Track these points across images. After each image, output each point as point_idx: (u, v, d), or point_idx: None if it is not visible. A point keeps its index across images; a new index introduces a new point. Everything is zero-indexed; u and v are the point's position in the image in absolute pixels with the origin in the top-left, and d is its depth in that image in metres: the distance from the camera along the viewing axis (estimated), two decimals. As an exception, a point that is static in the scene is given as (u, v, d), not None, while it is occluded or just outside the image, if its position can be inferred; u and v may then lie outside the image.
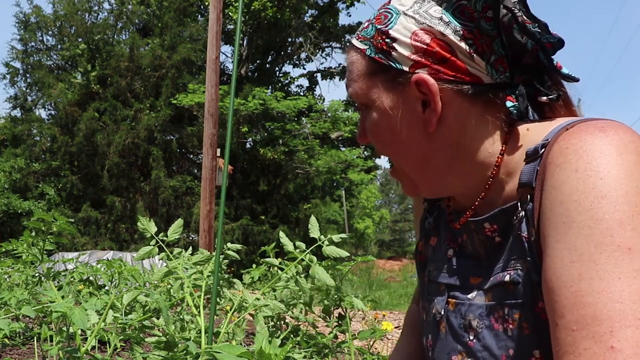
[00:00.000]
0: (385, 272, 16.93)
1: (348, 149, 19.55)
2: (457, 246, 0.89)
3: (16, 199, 17.45)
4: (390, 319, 5.64)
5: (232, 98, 1.29)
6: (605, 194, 0.63)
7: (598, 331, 0.59)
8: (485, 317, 0.78)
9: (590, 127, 0.69)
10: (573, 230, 0.64)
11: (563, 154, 0.68)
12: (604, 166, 0.64)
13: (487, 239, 0.81)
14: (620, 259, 0.60)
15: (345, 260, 2.02)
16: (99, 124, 18.38)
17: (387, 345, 3.88)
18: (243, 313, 1.61)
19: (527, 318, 0.72)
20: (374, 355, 2.02)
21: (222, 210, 1.29)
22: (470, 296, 0.81)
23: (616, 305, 0.58)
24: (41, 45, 20.41)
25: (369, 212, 40.22)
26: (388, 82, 0.80)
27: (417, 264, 1.02)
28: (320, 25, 19.94)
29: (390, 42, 0.79)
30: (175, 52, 18.50)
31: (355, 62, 0.83)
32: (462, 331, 0.81)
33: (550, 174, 0.69)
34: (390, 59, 0.79)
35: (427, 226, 0.98)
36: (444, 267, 0.89)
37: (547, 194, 0.69)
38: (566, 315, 0.62)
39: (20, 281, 3.27)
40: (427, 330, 0.91)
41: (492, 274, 0.79)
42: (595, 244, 0.62)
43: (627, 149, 0.65)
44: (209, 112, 9.10)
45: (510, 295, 0.75)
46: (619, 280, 0.59)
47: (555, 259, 0.65)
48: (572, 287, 0.62)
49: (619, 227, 0.61)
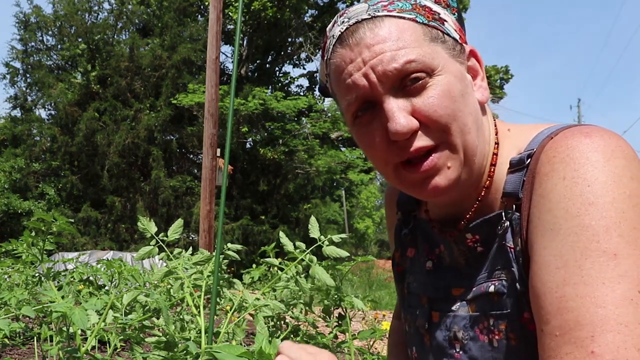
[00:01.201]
0: (385, 272, 16.92)
1: (348, 149, 19.55)
2: (435, 258, 0.88)
3: (16, 199, 17.45)
4: (390, 319, 5.63)
5: (232, 98, 1.29)
6: (592, 201, 0.63)
7: (579, 336, 0.58)
8: (470, 328, 0.77)
9: (575, 133, 0.68)
10: (560, 237, 0.64)
11: (550, 163, 0.68)
12: (591, 173, 0.64)
13: (469, 250, 0.81)
14: (605, 264, 0.60)
15: (345, 260, 2.02)
16: (99, 124, 18.38)
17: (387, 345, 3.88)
18: (243, 313, 1.61)
19: (513, 329, 0.72)
20: (374, 355, 2.02)
21: (222, 210, 1.29)
22: (454, 308, 0.81)
23: (599, 310, 0.58)
24: (41, 45, 20.41)
25: (369, 212, 40.20)
26: (449, 50, 0.76)
27: (395, 276, 1.00)
28: (320, 25, 19.93)
29: (437, 15, 0.78)
30: (175, 52, 18.51)
31: (405, 28, 0.74)
32: (447, 344, 0.80)
33: (539, 183, 0.69)
34: (444, 28, 0.77)
35: (403, 237, 0.97)
36: (425, 280, 0.88)
37: (535, 202, 0.69)
38: (551, 320, 0.62)
39: (20, 281, 3.26)
40: (412, 342, 0.90)
41: (475, 284, 0.78)
42: (581, 250, 0.62)
43: (614, 154, 0.65)
44: (209, 112, 9.10)
45: (495, 306, 0.74)
46: (603, 286, 0.59)
47: (541, 266, 0.65)
48: (557, 293, 0.62)
49: (605, 233, 0.61)
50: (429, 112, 0.72)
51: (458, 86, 0.74)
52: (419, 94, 0.73)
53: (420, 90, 0.72)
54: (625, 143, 0.67)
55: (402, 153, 0.74)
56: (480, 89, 0.80)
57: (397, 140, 0.73)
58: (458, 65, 0.76)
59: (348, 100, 0.77)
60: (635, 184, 0.63)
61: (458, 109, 0.73)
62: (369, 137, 0.76)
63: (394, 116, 0.72)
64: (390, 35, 0.73)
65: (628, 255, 0.60)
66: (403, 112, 0.72)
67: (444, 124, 0.72)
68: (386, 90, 0.73)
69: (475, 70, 0.80)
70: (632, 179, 0.63)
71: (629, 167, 0.64)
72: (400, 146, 0.74)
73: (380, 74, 0.72)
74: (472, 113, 0.75)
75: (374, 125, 0.75)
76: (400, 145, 0.74)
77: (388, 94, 0.73)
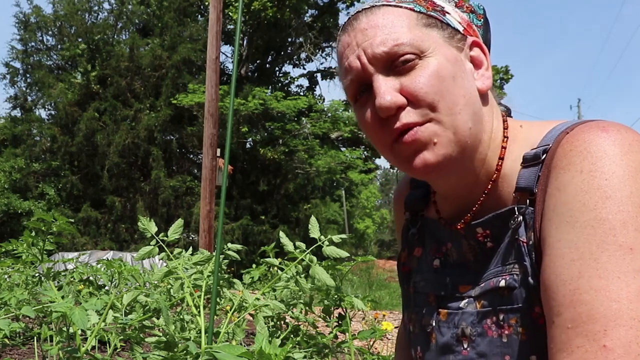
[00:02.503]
0: (385, 272, 16.92)
1: (348, 149, 19.55)
2: (442, 256, 0.88)
3: (16, 199, 17.45)
4: (390, 319, 5.63)
5: (232, 98, 1.29)
6: (609, 195, 0.63)
7: (592, 329, 0.59)
8: (477, 324, 0.77)
9: (592, 127, 0.68)
10: (576, 230, 0.64)
11: (567, 156, 0.68)
12: (609, 167, 0.64)
13: (479, 245, 0.81)
14: (621, 258, 0.60)
15: (345, 260, 2.02)
16: (99, 124, 18.38)
17: (387, 345, 3.88)
18: (243, 313, 1.61)
19: (523, 323, 0.72)
20: (374, 355, 2.02)
21: (222, 210, 1.29)
22: (462, 305, 0.81)
23: (613, 304, 0.58)
24: (41, 45, 20.42)
25: (369, 212, 40.23)
26: (446, 37, 0.78)
27: (400, 275, 1.00)
28: (320, 25, 19.93)
29: (440, 7, 0.80)
30: (175, 52, 18.51)
31: (400, 15, 0.77)
32: (455, 341, 0.80)
33: (555, 176, 0.69)
34: (445, 19, 0.80)
35: (410, 237, 0.97)
36: (432, 278, 0.88)
37: (550, 196, 0.69)
38: (563, 312, 0.62)
39: (20, 281, 3.27)
40: (416, 342, 0.90)
41: (483, 280, 0.78)
42: (598, 243, 0.62)
43: (632, 148, 0.65)
44: (209, 112, 9.10)
45: (506, 300, 0.74)
46: (618, 280, 0.59)
47: (555, 258, 0.65)
48: (571, 285, 0.62)
49: (622, 227, 0.61)
50: (416, 89, 0.74)
51: (449, 68, 0.76)
52: (408, 74, 0.75)
53: (409, 70, 0.75)
54: None
55: (391, 131, 0.76)
56: (482, 77, 0.80)
57: (385, 116, 0.76)
58: (454, 50, 0.78)
59: (346, 82, 0.81)
60: None
61: (446, 89, 0.74)
62: (365, 118, 0.80)
63: (380, 92, 0.75)
64: (384, 21, 0.77)
65: None
66: (390, 89, 0.75)
67: (429, 101, 0.74)
68: (377, 71, 0.77)
69: (479, 60, 0.81)
70: None
71: None
72: (390, 123, 0.76)
73: (370, 56, 0.76)
74: (465, 96, 0.76)
75: (368, 106, 0.79)
76: (389, 123, 0.76)
77: (378, 73, 0.77)
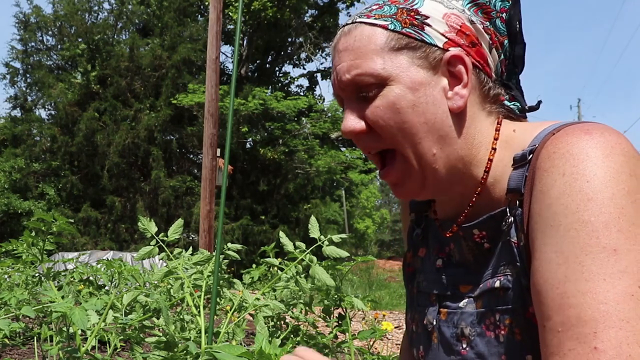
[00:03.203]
0: (385, 272, 16.93)
1: (348, 149, 19.55)
2: (445, 256, 0.89)
3: (16, 199, 17.46)
4: (390, 319, 5.64)
5: (232, 98, 1.29)
6: (591, 197, 0.63)
7: (582, 332, 0.59)
8: (477, 324, 0.78)
9: (576, 130, 0.69)
10: (560, 233, 0.64)
11: (550, 159, 0.68)
12: (590, 169, 0.64)
13: (476, 246, 0.82)
14: (605, 260, 0.60)
15: (345, 260, 2.02)
16: (99, 124, 18.39)
17: (387, 345, 3.88)
18: (243, 313, 1.61)
19: (518, 323, 0.73)
20: (374, 355, 2.02)
21: (222, 210, 1.29)
22: (462, 304, 0.81)
23: (600, 306, 0.59)
24: (41, 45, 20.43)
25: (369, 212, 40.21)
26: (417, 58, 0.77)
27: (405, 276, 1.01)
28: (320, 25, 19.94)
29: (421, 19, 0.78)
30: (175, 52, 18.51)
31: (370, 37, 0.77)
32: (455, 340, 0.81)
33: (539, 178, 0.69)
34: (422, 34, 0.77)
35: (415, 237, 0.98)
36: (434, 278, 0.89)
37: (535, 198, 0.69)
38: (552, 316, 0.62)
39: (20, 281, 3.27)
40: (418, 342, 0.91)
41: (482, 281, 0.79)
42: (581, 246, 0.62)
43: (614, 150, 0.65)
44: (209, 112, 9.10)
45: (501, 301, 0.75)
46: (604, 282, 0.60)
47: (542, 262, 0.65)
48: (558, 289, 0.62)
49: (605, 229, 0.61)
50: (373, 120, 0.78)
51: (408, 97, 0.76)
52: (372, 102, 0.78)
53: (372, 99, 0.78)
54: (626, 140, 0.67)
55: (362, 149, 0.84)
56: (455, 96, 0.77)
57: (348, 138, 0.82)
58: (423, 72, 0.76)
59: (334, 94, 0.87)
60: (634, 180, 0.64)
61: (402, 120, 0.76)
62: None
63: (344, 117, 0.81)
64: (355, 44, 0.79)
65: (628, 250, 0.60)
66: (355, 114, 0.80)
67: (387, 133, 0.78)
68: (346, 95, 0.82)
69: (458, 77, 0.78)
70: (631, 176, 0.64)
71: (628, 163, 0.65)
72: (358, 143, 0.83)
73: (341, 81, 0.81)
74: (427, 123, 0.76)
75: None
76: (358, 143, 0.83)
77: (347, 98, 0.82)
